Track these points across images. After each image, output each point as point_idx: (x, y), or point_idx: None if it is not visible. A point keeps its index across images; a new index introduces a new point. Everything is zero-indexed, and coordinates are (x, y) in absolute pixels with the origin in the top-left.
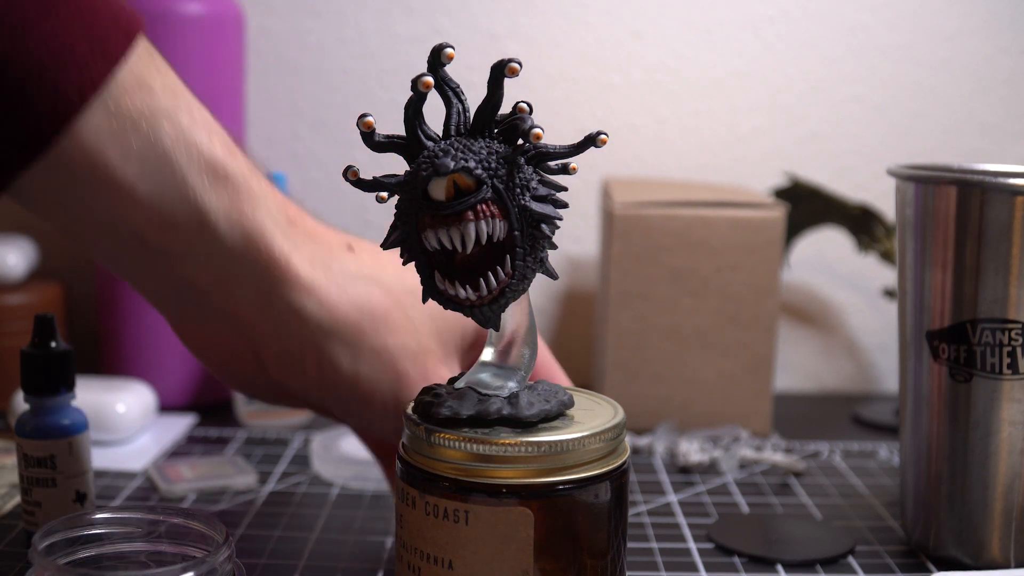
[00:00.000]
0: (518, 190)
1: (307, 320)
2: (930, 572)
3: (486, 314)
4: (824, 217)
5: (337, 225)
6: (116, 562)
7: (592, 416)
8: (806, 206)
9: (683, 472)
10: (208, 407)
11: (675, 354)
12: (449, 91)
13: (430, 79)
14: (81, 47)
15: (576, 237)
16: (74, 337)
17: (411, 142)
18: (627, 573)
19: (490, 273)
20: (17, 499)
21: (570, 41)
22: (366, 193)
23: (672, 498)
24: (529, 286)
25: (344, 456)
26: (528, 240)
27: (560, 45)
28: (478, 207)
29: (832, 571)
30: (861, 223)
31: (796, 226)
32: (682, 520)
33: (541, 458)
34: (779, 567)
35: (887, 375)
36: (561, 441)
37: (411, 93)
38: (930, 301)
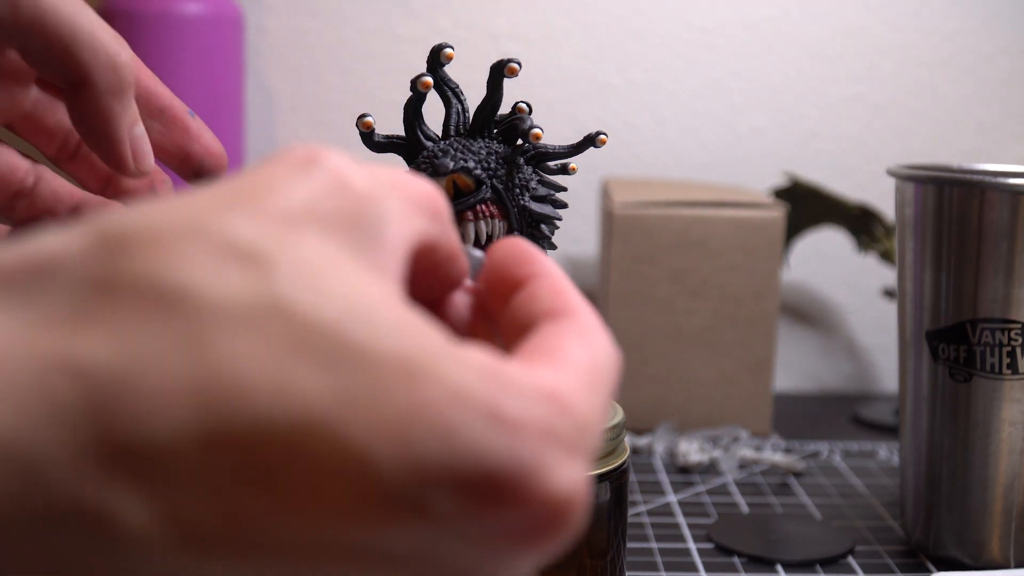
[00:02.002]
0: (517, 190)
1: None
2: (930, 572)
3: None
4: (824, 217)
5: None
6: None
7: None
8: (806, 206)
9: (683, 472)
10: None
11: (675, 354)
12: (448, 91)
13: (429, 79)
14: None
15: (576, 237)
16: None
17: (410, 142)
18: (627, 573)
19: None
20: None
21: (570, 41)
22: None
23: (672, 498)
24: None
25: None
26: (527, 240)
27: (560, 45)
28: (477, 207)
29: (832, 571)
30: (861, 223)
31: (796, 226)
32: (682, 520)
33: None
34: (779, 567)
35: (887, 375)
36: None
37: (411, 93)
38: (930, 301)
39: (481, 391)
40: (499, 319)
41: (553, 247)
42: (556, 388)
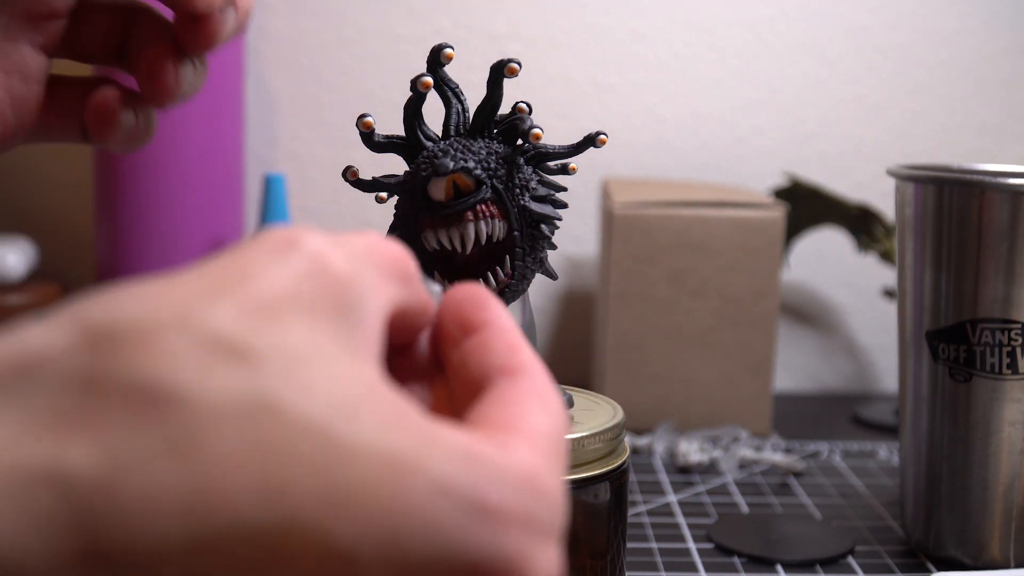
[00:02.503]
0: (517, 190)
1: None
2: (930, 572)
3: None
4: (824, 217)
5: (337, 225)
6: None
7: (592, 416)
8: (806, 206)
9: (683, 472)
10: None
11: (675, 354)
12: (448, 91)
13: (429, 79)
14: None
15: (576, 237)
16: None
17: (410, 142)
18: (627, 573)
19: (489, 273)
20: None
21: (570, 41)
22: (366, 193)
23: (672, 498)
24: (528, 286)
25: None
26: (528, 240)
27: (560, 45)
28: (477, 207)
29: (832, 571)
30: (861, 223)
31: (796, 226)
32: (682, 520)
33: None
34: (779, 567)
35: (887, 375)
36: None
37: (411, 93)
38: (930, 301)
39: (464, 481)
40: (447, 359)
41: (553, 247)
42: (531, 471)
